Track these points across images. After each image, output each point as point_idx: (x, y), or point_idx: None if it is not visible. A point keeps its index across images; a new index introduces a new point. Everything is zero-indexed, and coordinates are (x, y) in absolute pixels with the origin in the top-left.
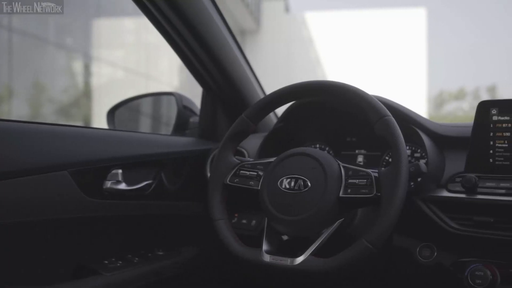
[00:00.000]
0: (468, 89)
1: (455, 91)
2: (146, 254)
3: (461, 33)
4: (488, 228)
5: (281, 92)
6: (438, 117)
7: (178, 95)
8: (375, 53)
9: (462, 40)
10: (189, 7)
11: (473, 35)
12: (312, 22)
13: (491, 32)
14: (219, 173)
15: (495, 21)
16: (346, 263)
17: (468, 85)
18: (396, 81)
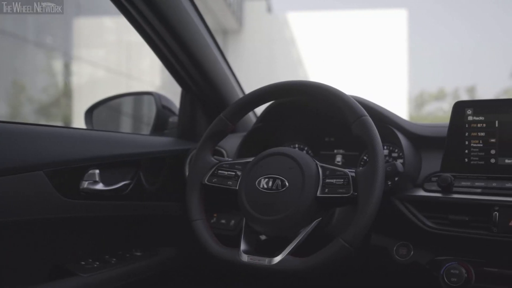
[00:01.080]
0: (448, 90)
1: (435, 91)
2: (123, 255)
3: (441, 34)
4: (463, 227)
5: (259, 92)
6: (419, 117)
7: (157, 95)
8: (357, 54)
9: (442, 41)
10: (168, 7)
11: (453, 36)
12: (294, 22)
13: (471, 33)
14: (197, 173)
15: (475, 23)
16: (323, 262)
17: (448, 86)
18: (377, 81)
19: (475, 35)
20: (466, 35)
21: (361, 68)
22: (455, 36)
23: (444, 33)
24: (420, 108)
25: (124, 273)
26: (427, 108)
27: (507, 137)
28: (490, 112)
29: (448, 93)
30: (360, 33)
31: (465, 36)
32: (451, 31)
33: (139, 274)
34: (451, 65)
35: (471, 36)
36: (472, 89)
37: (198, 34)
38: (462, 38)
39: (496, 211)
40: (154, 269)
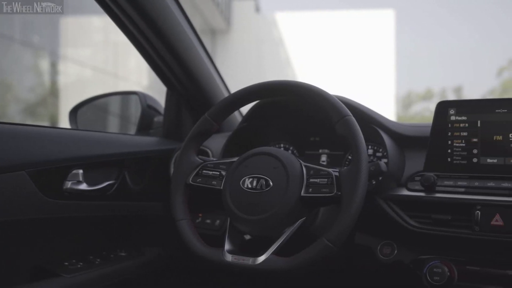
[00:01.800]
0: (435, 90)
1: (422, 91)
2: (108, 255)
3: (428, 34)
4: (446, 226)
5: (244, 91)
6: (406, 117)
7: (142, 94)
8: (345, 54)
9: (430, 41)
10: (152, 6)
11: (440, 36)
12: (282, 23)
13: (458, 34)
14: (181, 173)
15: (462, 24)
16: (307, 262)
17: (435, 86)
18: (365, 81)
19: (463, 35)
20: (453, 35)
21: (349, 68)
22: (442, 37)
23: (431, 33)
24: (408, 108)
25: (108, 273)
26: (415, 108)
27: (489, 137)
28: (472, 112)
29: (435, 93)
30: (347, 34)
31: (452, 37)
32: (439, 31)
33: (123, 275)
34: (438, 65)
35: (459, 37)
36: (459, 89)
37: (183, 33)
38: (449, 39)
39: (478, 210)
40: (139, 269)
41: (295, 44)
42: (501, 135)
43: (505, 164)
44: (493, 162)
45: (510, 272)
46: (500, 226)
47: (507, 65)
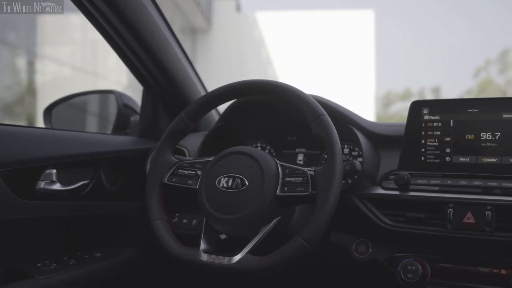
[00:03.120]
0: (414, 90)
1: (401, 91)
2: (82, 256)
3: (408, 35)
4: (419, 224)
5: (219, 91)
6: (386, 116)
7: (118, 93)
8: (325, 54)
9: (409, 41)
10: (126, 4)
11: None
12: (263, 22)
13: (436, 34)
14: (156, 173)
15: (441, 24)
16: (282, 261)
17: (414, 86)
18: (345, 81)
19: (441, 36)
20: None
21: (329, 68)
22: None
23: (410, 34)
24: (387, 108)
25: (83, 274)
26: (394, 108)
27: (461, 136)
28: (445, 112)
29: (414, 93)
30: (328, 34)
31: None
32: (417, 32)
33: (98, 275)
34: (417, 65)
35: (437, 37)
36: (437, 89)
37: (159, 32)
38: (428, 39)
39: (451, 208)
40: (114, 270)
41: (276, 43)
42: (473, 134)
43: (477, 162)
44: (465, 161)
45: (482, 269)
46: (471, 224)
47: (484, 65)
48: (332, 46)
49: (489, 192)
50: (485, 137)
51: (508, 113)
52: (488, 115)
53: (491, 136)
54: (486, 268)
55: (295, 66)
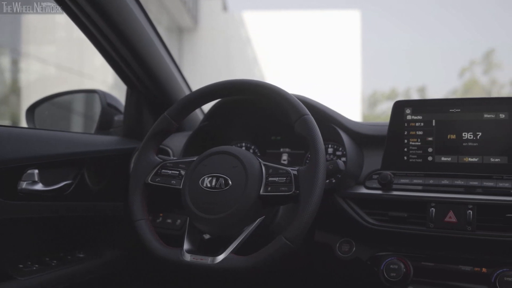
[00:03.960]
0: (399, 90)
1: (387, 91)
2: (65, 257)
3: (394, 35)
4: (402, 223)
5: (203, 90)
6: (372, 116)
7: (101, 93)
8: (311, 54)
9: (395, 42)
10: (110, 3)
11: (405, 37)
12: (249, 22)
13: (422, 35)
14: (140, 173)
15: (426, 24)
16: (265, 260)
17: (400, 86)
18: (332, 81)
19: (427, 36)
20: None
21: (316, 67)
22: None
23: (396, 34)
24: (373, 107)
25: (65, 275)
26: (380, 108)
27: (443, 136)
28: (427, 112)
29: (399, 93)
30: (314, 33)
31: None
32: (403, 32)
33: (81, 277)
34: (403, 65)
35: (423, 38)
36: (423, 89)
37: (142, 31)
38: (414, 39)
39: (433, 207)
40: (98, 271)
41: (263, 43)
42: (454, 134)
43: (459, 162)
44: (447, 160)
45: (464, 268)
46: (453, 223)
47: (468, 66)
48: (318, 46)
49: (471, 192)
50: (466, 137)
51: (489, 113)
52: (470, 115)
53: (473, 136)
54: (468, 267)
55: (282, 65)
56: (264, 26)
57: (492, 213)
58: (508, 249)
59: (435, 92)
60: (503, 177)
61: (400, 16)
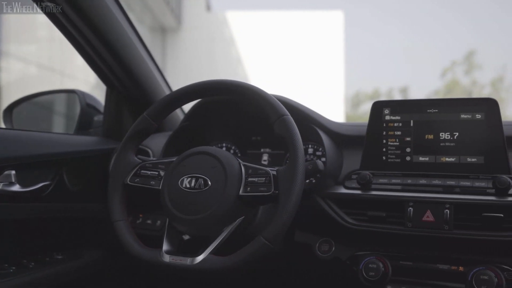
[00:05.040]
0: (382, 90)
1: (370, 91)
2: (43, 259)
3: (377, 36)
4: (381, 222)
5: (182, 90)
6: (355, 116)
7: (81, 93)
8: (295, 54)
9: (378, 42)
10: (89, 3)
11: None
12: (233, 22)
13: (404, 36)
14: (119, 173)
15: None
16: (245, 261)
17: (382, 86)
18: (315, 81)
19: (410, 37)
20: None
21: (299, 68)
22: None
23: (379, 35)
24: (356, 108)
25: (43, 277)
26: (363, 108)
27: (421, 136)
28: (405, 112)
29: (382, 93)
30: (297, 34)
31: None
32: (386, 33)
33: (60, 278)
34: (386, 66)
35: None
36: (405, 90)
37: (121, 31)
38: (397, 40)
39: (411, 206)
40: (77, 272)
41: (246, 43)
42: (432, 134)
43: (436, 162)
44: (425, 160)
45: (441, 266)
46: (430, 222)
47: (450, 66)
48: (302, 46)
49: (448, 191)
50: (443, 137)
51: (465, 114)
52: (447, 115)
53: (450, 136)
54: (445, 265)
55: (266, 66)
56: (248, 26)
57: (469, 212)
58: (484, 248)
59: (417, 92)
60: (479, 177)
61: (383, 17)
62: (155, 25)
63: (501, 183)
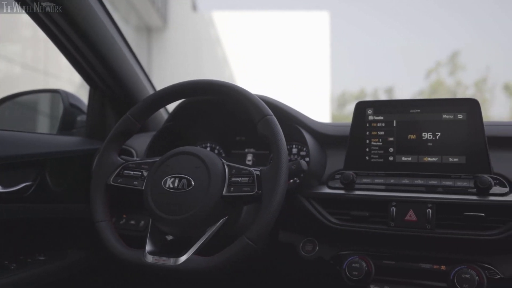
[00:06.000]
0: (368, 90)
1: (356, 92)
2: (25, 260)
3: (362, 36)
4: (364, 222)
5: (166, 90)
6: (341, 116)
7: (64, 93)
8: (281, 54)
9: (363, 43)
10: (71, 3)
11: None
12: (219, 22)
13: (390, 36)
14: (101, 174)
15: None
16: (228, 261)
17: (368, 87)
18: (301, 81)
19: (395, 38)
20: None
21: (285, 68)
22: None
23: (365, 35)
24: (342, 108)
25: (25, 278)
26: (349, 108)
27: (403, 136)
28: (388, 112)
29: (368, 94)
30: (284, 34)
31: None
32: (372, 34)
33: (42, 280)
34: (372, 66)
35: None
36: (390, 90)
37: (104, 30)
38: (382, 41)
39: (394, 206)
40: (59, 274)
41: (233, 43)
42: (415, 134)
43: (419, 162)
44: (407, 160)
45: (423, 266)
46: (413, 221)
47: (434, 67)
48: (288, 46)
49: (430, 191)
50: (426, 137)
51: (447, 114)
52: (430, 115)
53: (432, 136)
54: (428, 264)
55: (252, 66)
56: (234, 26)
57: (451, 212)
58: (466, 247)
59: (402, 92)
60: (461, 176)
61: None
62: (140, 24)
63: (482, 182)
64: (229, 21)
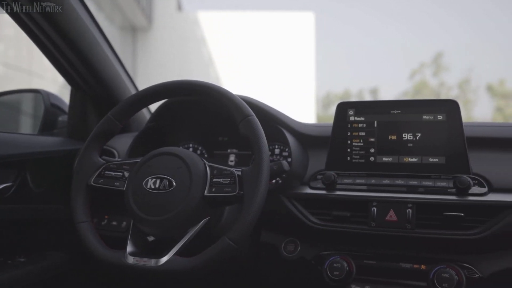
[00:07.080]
0: (353, 91)
1: (341, 92)
2: (4, 261)
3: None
4: (345, 222)
5: (147, 91)
6: (326, 117)
7: (45, 93)
8: (266, 55)
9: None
10: (52, 2)
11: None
12: (204, 22)
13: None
14: (82, 174)
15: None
16: (209, 261)
17: (353, 87)
18: (286, 82)
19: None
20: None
21: (271, 68)
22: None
23: (350, 36)
24: (327, 108)
25: (4, 280)
26: (334, 108)
27: (384, 137)
28: (370, 113)
29: (353, 94)
30: (268, 35)
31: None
32: (357, 34)
33: (22, 281)
34: (357, 67)
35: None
36: (375, 91)
37: (86, 30)
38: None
39: (374, 206)
40: (40, 275)
41: (218, 43)
42: (395, 135)
43: (399, 162)
44: (388, 161)
45: (404, 265)
46: (394, 221)
47: (419, 68)
48: (273, 47)
49: (410, 191)
50: (406, 138)
51: (428, 115)
52: (410, 116)
53: (412, 136)
54: (408, 264)
55: (237, 66)
56: (219, 26)
57: (431, 212)
58: (445, 247)
59: (387, 93)
60: (441, 177)
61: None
62: (125, 24)
63: (461, 183)
64: (215, 21)
